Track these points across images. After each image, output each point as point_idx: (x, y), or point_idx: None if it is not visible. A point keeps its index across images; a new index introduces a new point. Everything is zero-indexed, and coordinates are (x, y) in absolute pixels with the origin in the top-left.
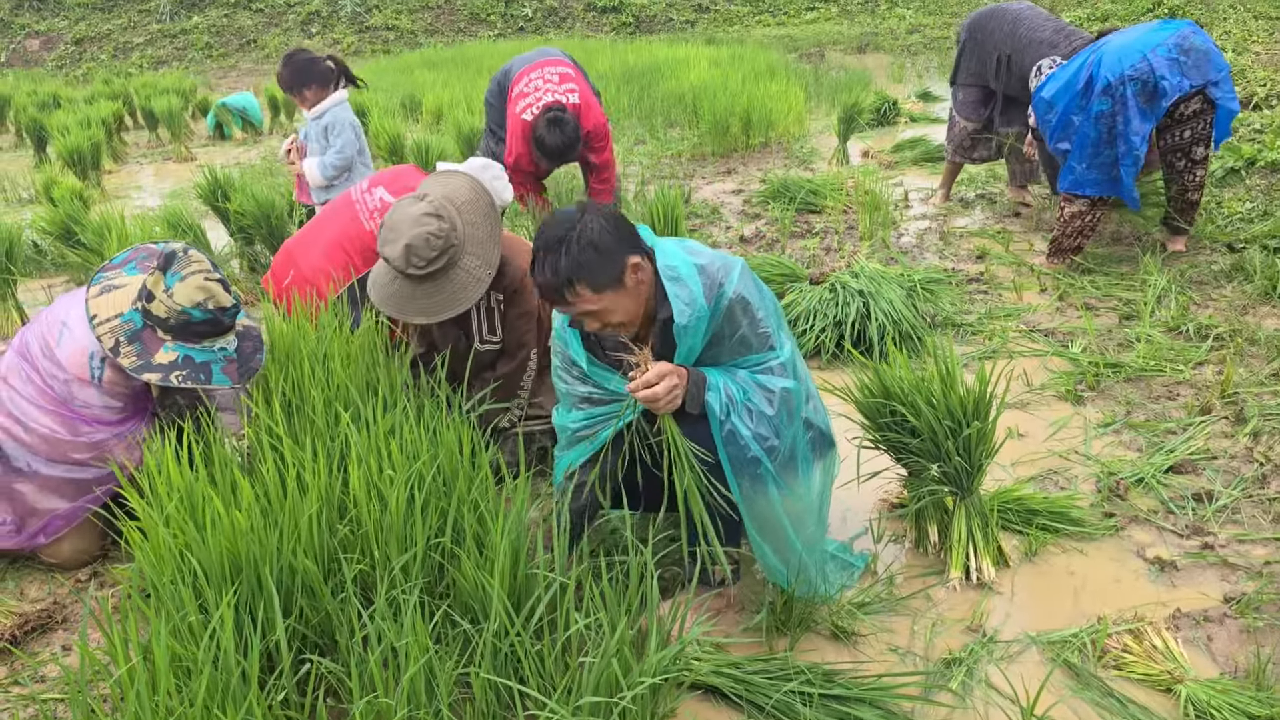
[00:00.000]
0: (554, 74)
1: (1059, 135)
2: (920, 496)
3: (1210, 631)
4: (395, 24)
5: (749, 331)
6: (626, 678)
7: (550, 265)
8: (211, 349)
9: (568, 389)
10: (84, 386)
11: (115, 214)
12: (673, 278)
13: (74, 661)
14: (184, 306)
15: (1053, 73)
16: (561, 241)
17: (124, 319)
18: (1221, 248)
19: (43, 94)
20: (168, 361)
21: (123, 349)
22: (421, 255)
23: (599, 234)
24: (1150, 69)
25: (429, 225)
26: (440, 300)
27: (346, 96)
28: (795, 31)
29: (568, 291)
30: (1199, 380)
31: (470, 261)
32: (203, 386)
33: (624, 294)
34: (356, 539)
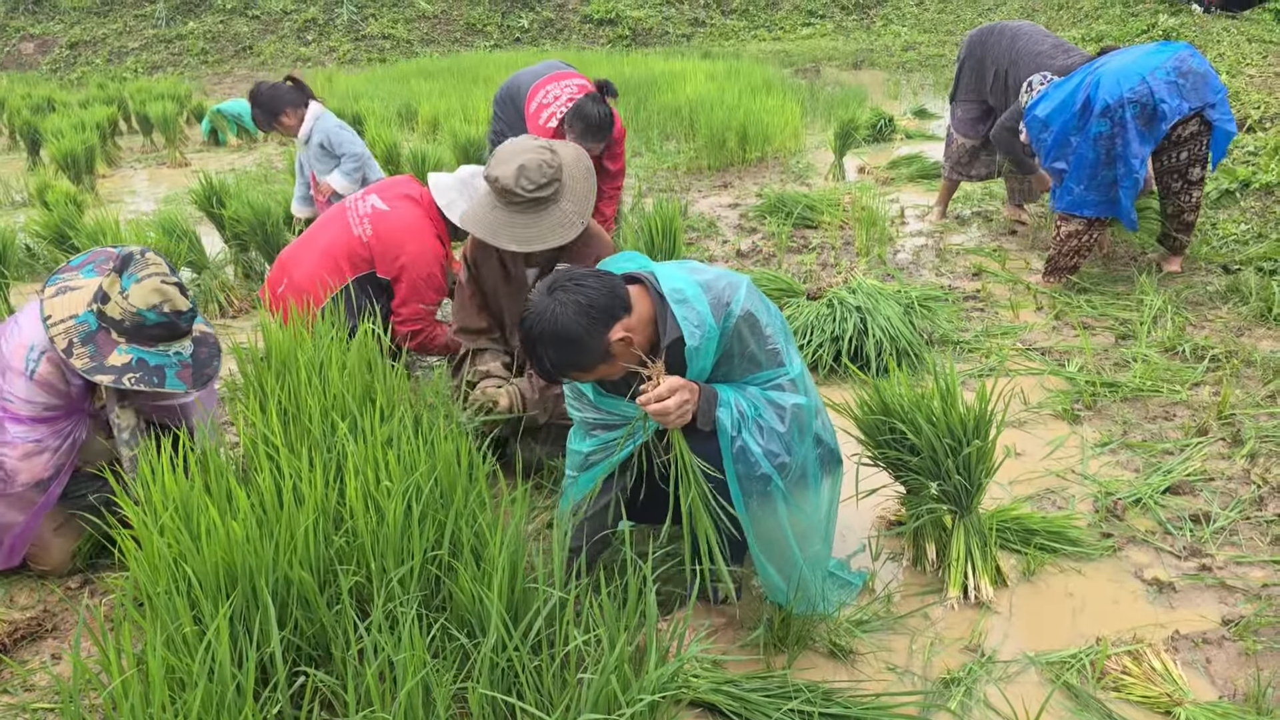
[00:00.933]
0: (572, 85)
1: (1055, 154)
2: (919, 514)
3: (1209, 654)
4: (391, 33)
5: (757, 348)
6: (625, 694)
7: (537, 360)
8: (166, 353)
9: (580, 416)
10: (15, 377)
11: (110, 219)
12: (679, 300)
13: (64, 670)
14: (139, 309)
15: (1045, 90)
16: (539, 340)
17: (79, 320)
18: (1217, 269)
19: (37, 97)
20: (121, 364)
21: (75, 350)
22: (532, 178)
23: (570, 326)
24: (1149, 91)
25: (544, 155)
26: (535, 231)
27: (320, 108)
28: (791, 47)
29: (563, 378)
30: (1196, 401)
31: (569, 205)
32: (155, 389)
33: (615, 361)
34: (352, 550)
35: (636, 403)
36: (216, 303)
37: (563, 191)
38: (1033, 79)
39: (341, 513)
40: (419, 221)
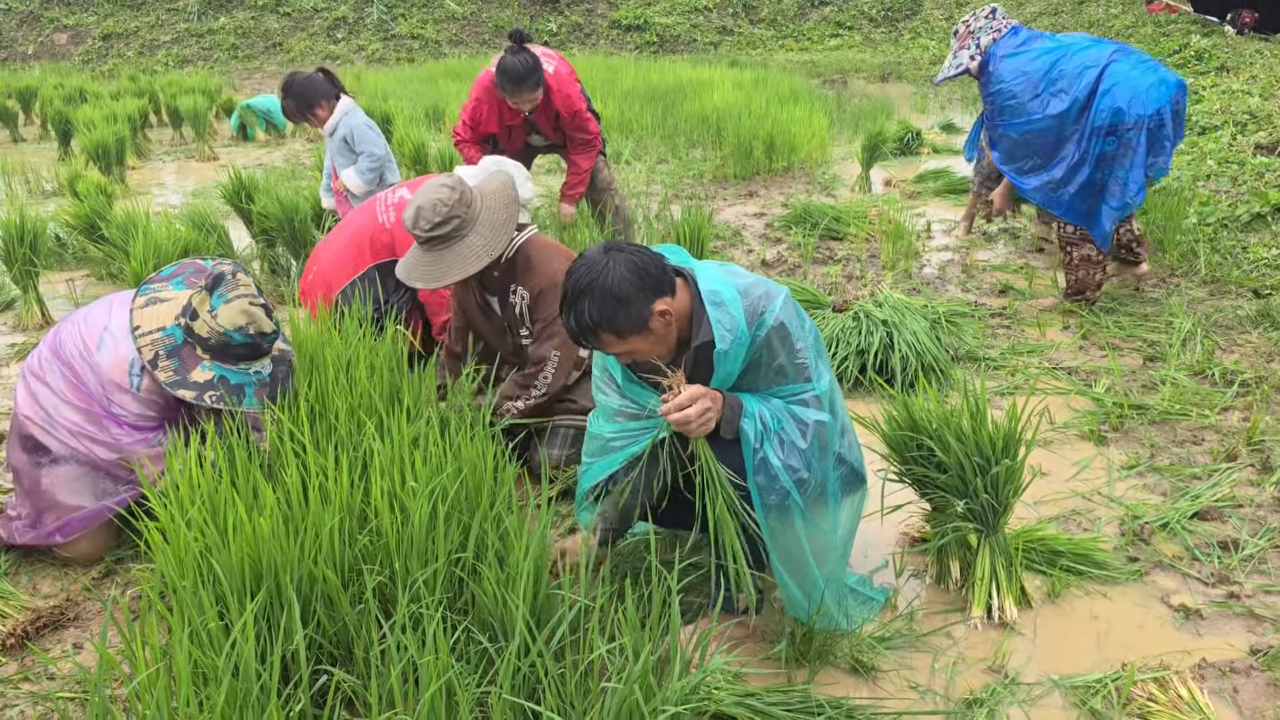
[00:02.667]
0: (538, 50)
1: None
2: (944, 532)
3: (1236, 683)
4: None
5: (787, 361)
6: (648, 705)
7: (575, 314)
8: (247, 372)
9: (605, 400)
10: (122, 393)
11: (139, 210)
12: (716, 302)
13: (86, 659)
14: (226, 329)
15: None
16: (584, 292)
17: (166, 333)
18: (1247, 293)
19: (69, 88)
20: (204, 380)
21: (161, 363)
22: (428, 218)
23: (621, 283)
24: (1161, 122)
25: (440, 194)
26: (439, 268)
27: (351, 103)
28: (818, 58)
29: (593, 338)
30: (1224, 426)
31: (475, 240)
32: (232, 409)
33: (650, 336)
34: (376, 550)
35: (659, 412)
36: None
37: (469, 226)
38: (996, 10)
39: (366, 512)
40: None
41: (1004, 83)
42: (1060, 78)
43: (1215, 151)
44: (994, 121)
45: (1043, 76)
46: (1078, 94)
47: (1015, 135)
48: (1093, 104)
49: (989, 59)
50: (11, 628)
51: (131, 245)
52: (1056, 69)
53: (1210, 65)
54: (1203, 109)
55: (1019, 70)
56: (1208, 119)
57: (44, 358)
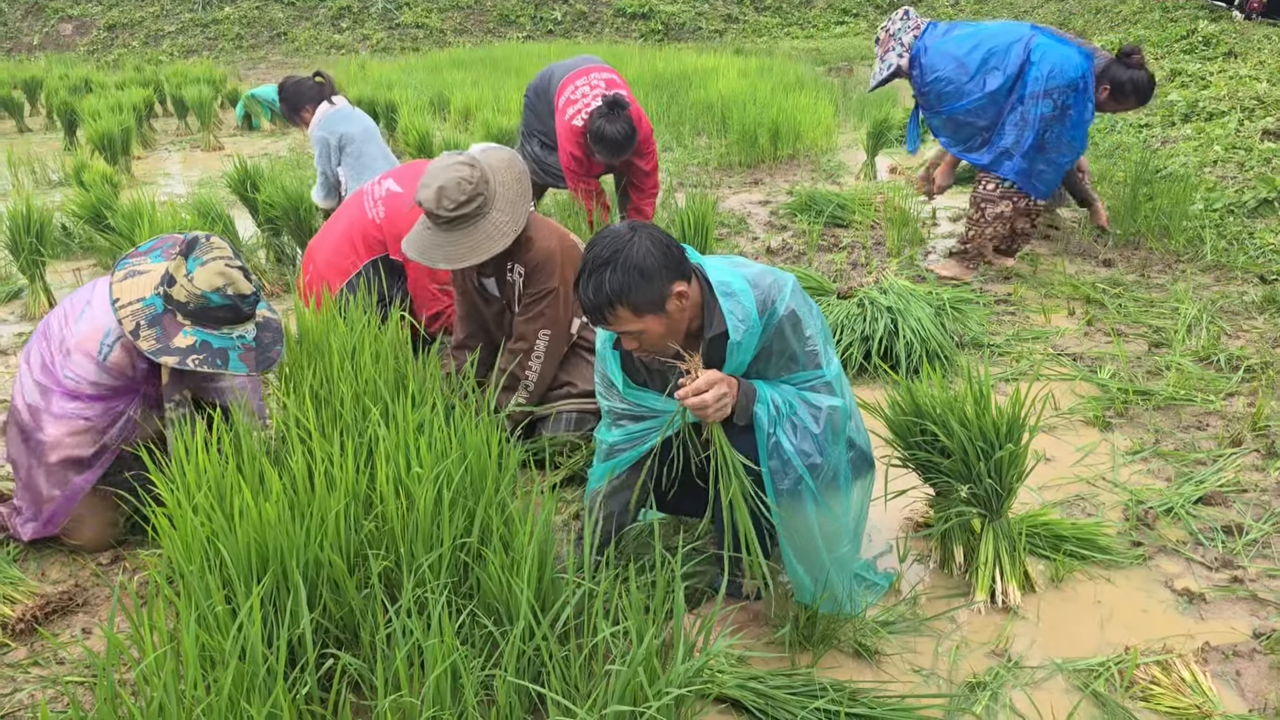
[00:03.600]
0: (600, 79)
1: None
2: (948, 517)
3: (1239, 666)
4: (425, 22)
5: (798, 348)
6: (652, 688)
7: (594, 284)
8: (230, 336)
9: (609, 406)
10: (84, 359)
11: (145, 200)
12: (727, 293)
13: (95, 644)
14: (203, 291)
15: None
16: (607, 263)
17: (145, 303)
18: (1253, 279)
19: (74, 78)
20: (185, 345)
21: (143, 332)
22: (452, 197)
23: (645, 258)
24: (1086, 82)
25: (461, 171)
26: (465, 247)
27: (326, 111)
28: (824, 45)
29: (608, 312)
30: (1229, 411)
31: (498, 216)
32: (217, 370)
33: (664, 319)
34: (382, 535)
35: (675, 396)
36: None
37: (490, 203)
38: (909, 11)
39: (372, 498)
40: None
41: (939, 70)
42: (991, 56)
43: (1222, 137)
44: (936, 109)
45: (974, 57)
46: (1010, 68)
47: (960, 117)
48: (1025, 74)
49: (917, 53)
50: (20, 613)
51: (137, 234)
52: (987, 49)
53: (1218, 51)
54: (1210, 94)
55: (949, 55)
56: (1215, 105)
57: (33, 345)
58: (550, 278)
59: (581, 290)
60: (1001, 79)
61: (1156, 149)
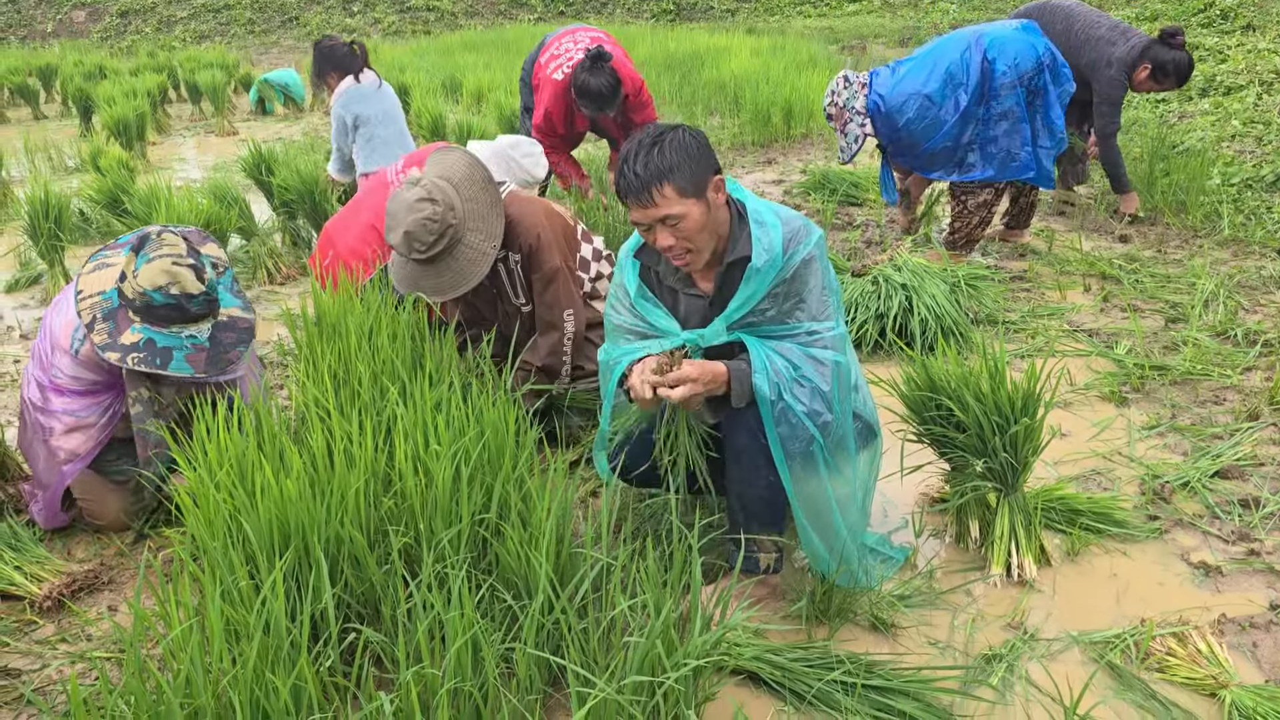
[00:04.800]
0: (584, 37)
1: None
2: (963, 492)
3: (1256, 638)
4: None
5: (811, 294)
6: (670, 659)
7: (641, 162)
8: (178, 335)
9: (615, 319)
10: (62, 355)
11: (161, 184)
12: (759, 221)
13: (122, 621)
14: (145, 289)
15: (898, 74)
16: (655, 143)
17: (105, 296)
18: (1271, 253)
19: (89, 65)
20: (130, 343)
21: (97, 325)
22: (421, 240)
23: (691, 141)
24: (1052, 58)
25: (424, 211)
26: (448, 279)
27: (349, 86)
28: (836, 23)
29: (655, 189)
30: (1247, 386)
31: (474, 238)
32: (155, 370)
33: (704, 208)
34: (401, 512)
35: (651, 383)
36: (265, 269)
37: (462, 228)
38: (848, 76)
39: (391, 475)
40: None
41: (907, 114)
42: (954, 74)
43: (1240, 112)
44: (916, 150)
45: (935, 83)
46: (973, 77)
47: (944, 145)
48: (991, 74)
49: (874, 109)
50: (48, 591)
51: (154, 218)
52: (944, 69)
53: (1236, 24)
54: (1228, 69)
55: (911, 94)
56: (1233, 79)
57: (36, 342)
58: (551, 255)
59: (629, 168)
60: (969, 92)
61: (1174, 124)
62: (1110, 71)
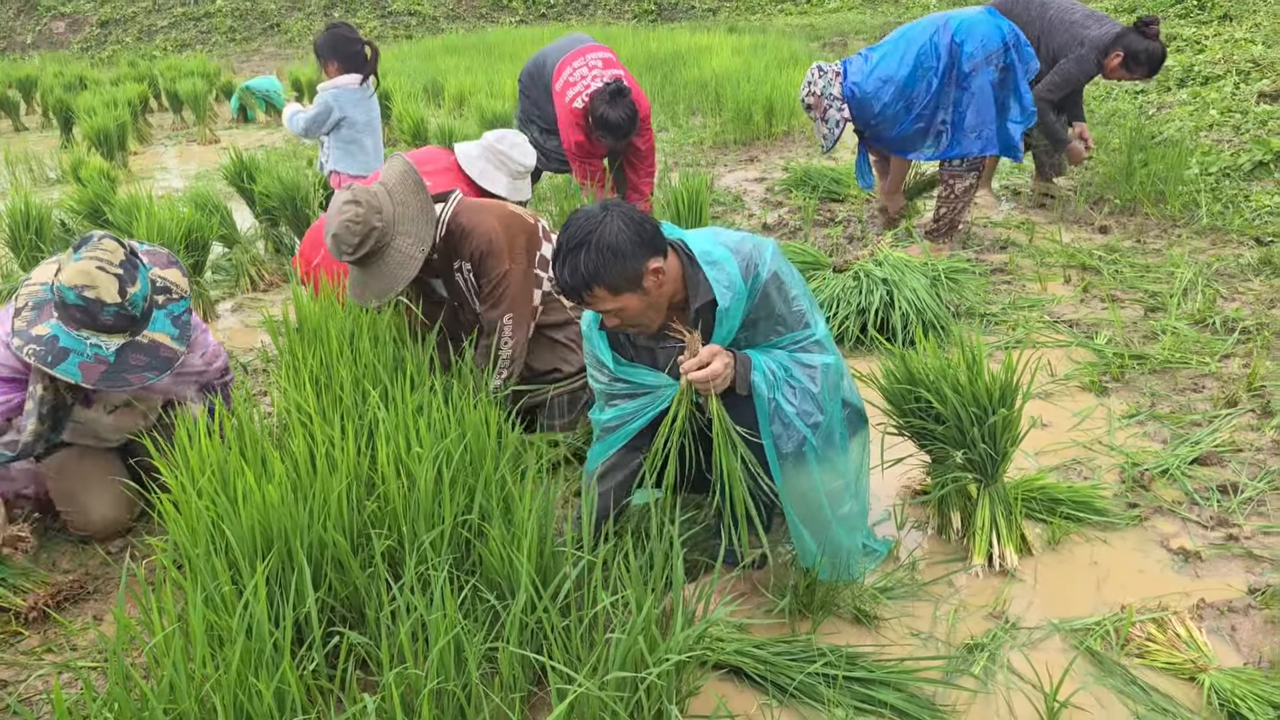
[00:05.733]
0: (596, 60)
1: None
2: (944, 483)
3: (1234, 622)
4: (417, 9)
5: (784, 310)
6: (652, 654)
7: (569, 267)
8: (83, 340)
9: (600, 388)
10: (3, 347)
11: (143, 194)
12: (710, 262)
13: (106, 630)
14: (62, 284)
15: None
16: (581, 244)
17: (45, 287)
18: (1249, 241)
19: (69, 75)
20: (36, 334)
21: (24, 312)
22: (346, 241)
23: (618, 237)
24: (1016, 37)
25: (347, 213)
26: (383, 281)
27: (353, 85)
28: (818, 20)
29: (585, 292)
30: (1225, 373)
31: (403, 241)
32: (41, 365)
33: (642, 296)
34: (384, 515)
35: (681, 370)
36: (248, 276)
37: (390, 230)
38: (821, 66)
39: (374, 478)
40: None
41: (883, 99)
42: (922, 57)
43: (1218, 101)
44: (890, 133)
45: (906, 69)
46: (942, 60)
47: (918, 126)
48: (959, 55)
49: (850, 96)
50: (33, 601)
51: (135, 228)
52: (915, 54)
53: (1213, 14)
54: (1205, 58)
55: (886, 81)
56: (1210, 68)
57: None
58: (499, 261)
59: (558, 273)
60: (937, 77)
61: (1152, 114)
62: (1082, 50)
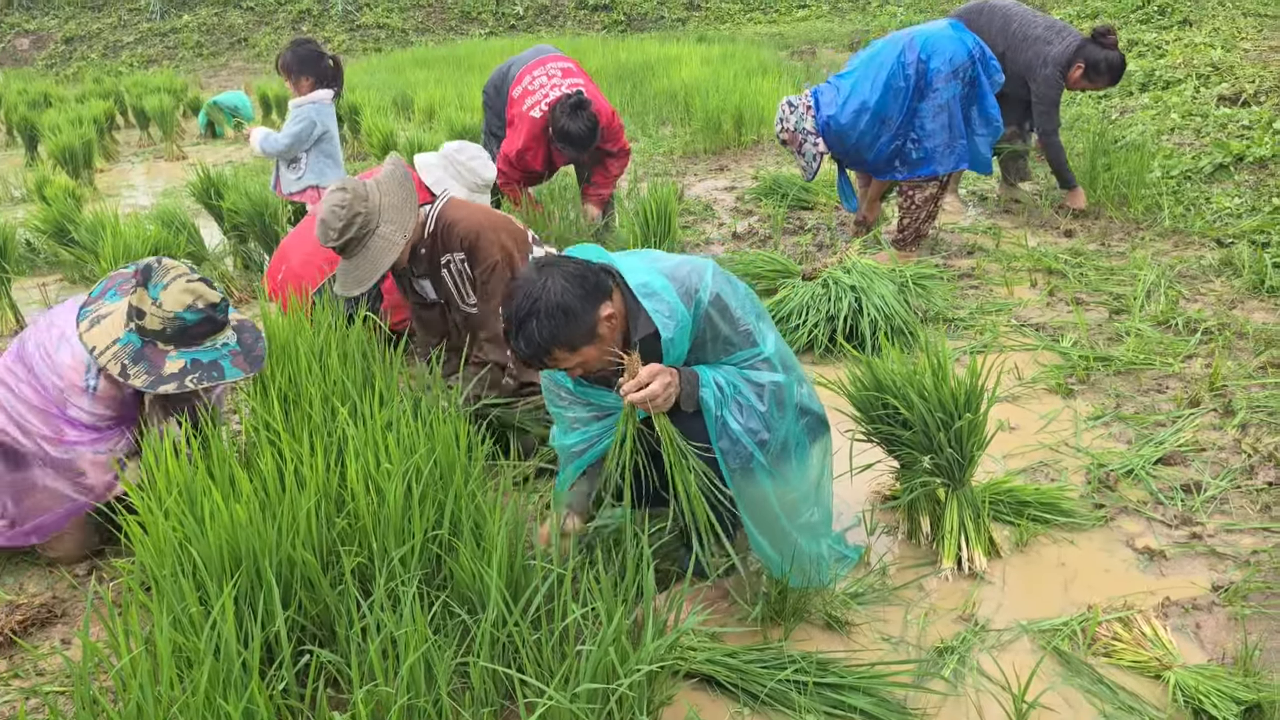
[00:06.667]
0: (556, 69)
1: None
2: (912, 488)
3: (1199, 619)
4: (386, 22)
5: (730, 331)
6: (623, 666)
7: (524, 337)
8: (215, 347)
9: (561, 412)
10: (79, 394)
11: (109, 212)
12: (648, 294)
13: (75, 655)
14: (176, 312)
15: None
16: (531, 314)
17: (121, 343)
18: (1210, 243)
19: (33, 93)
20: (178, 369)
21: (130, 371)
22: (332, 225)
23: (564, 296)
24: (983, 52)
25: (334, 198)
26: (366, 269)
27: (329, 99)
28: (786, 29)
29: (546, 357)
30: (1188, 373)
31: (385, 229)
32: (217, 383)
33: (599, 344)
34: (354, 532)
35: (619, 394)
36: None
37: (374, 218)
38: (791, 101)
39: (343, 495)
40: None
41: (859, 126)
42: (895, 79)
43: (1179, 105)
44: (869, 155)
45: (876, 93)
46: (910, 79)
47: (894, 145)
48: (926, 71)
49: (824, 128)
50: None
51: (101, 246)
52: (885, 77)
53: (1173, 19)
54: (1166, 63)
55: (856, 111)
56: (1171, 73)
57: (8, 365)
58: (490, 249)
59: (514, 346)
60: (908, 96)
61: (1115, 119)
62: (1047, 71)
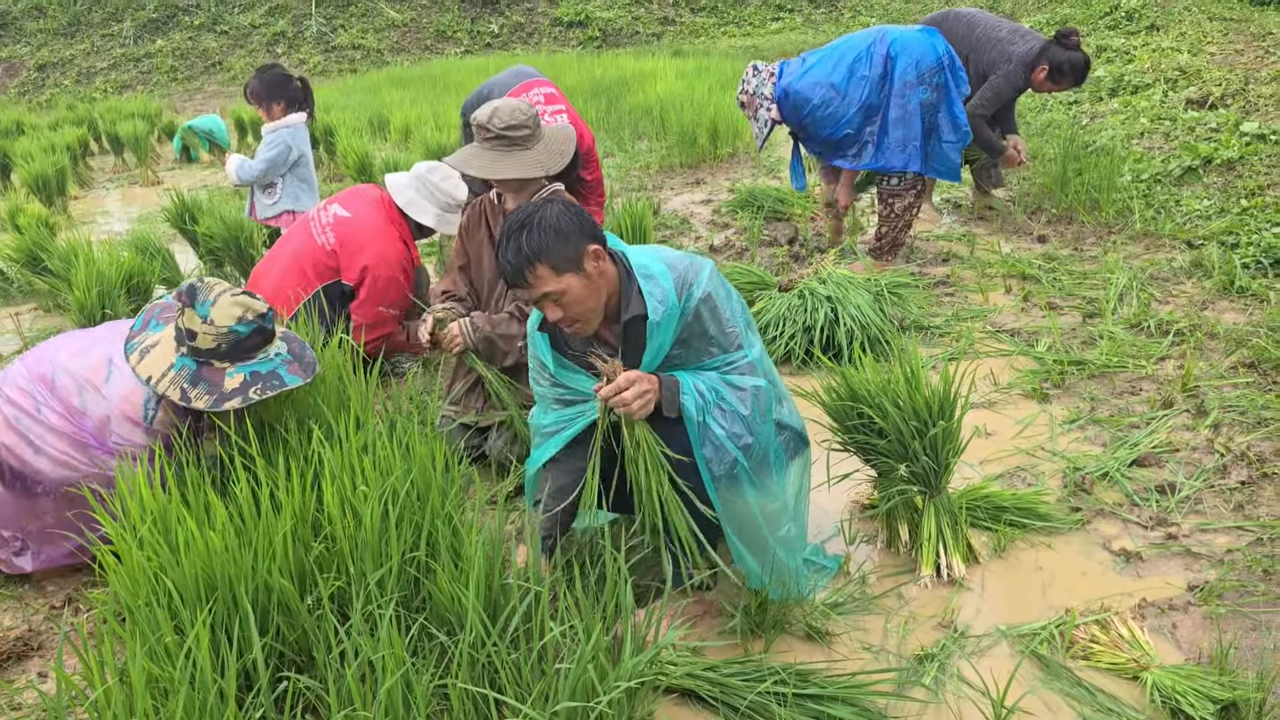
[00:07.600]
0: (539, 95)
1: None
2: (890, 497)
3: (1175, 620)
4: (361, 43)
5: (717, 331)
6: (603, 683)
7: (513, 246)
8: (269, 357)
9: (542, 391)
10: (133, 426)
11: (82, 240)
12: (646, 275)
13: (51, 688)
14: (230, 326)
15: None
16: (524, 225)
17: (176, 368)
18: (1181, 245)
19: (5, 121)
20: (239, 384)
21: (191, 394)
22: (503, 118)
23: (559, 218)
24: (951, 59)
25: (520, 103)
26: (502, 165)
27: (303, 122)
28: (760, 42)
29: (529, 271)
30: (1161, 375)
31: (536, 155)
32: (280, 391)
33: (583, 280)
34: (332, 556)
35: (595, 393)
36: None
37: (535, 141)
38: (757, 65)
39: (320, 519)
40: (382, 225)
41: (813, 100)
42: (857, 63)
43: (1148, 109)
44: (820, 135)
45: (840, 73)
46: (875, 70)
47: (846, 132)
48: (891, 71)
49: (782, 97)
50: None
51: (74, 275)
52: (850, 61)
53: (1141, 25)
54: (1134, 68)
55: (818, 84)
56: (1140, 78)
57: (19, 386)
58: None
59: (501, 254)
60: (869, 85)
61: (1086, 124)
62: (1010, 67)
